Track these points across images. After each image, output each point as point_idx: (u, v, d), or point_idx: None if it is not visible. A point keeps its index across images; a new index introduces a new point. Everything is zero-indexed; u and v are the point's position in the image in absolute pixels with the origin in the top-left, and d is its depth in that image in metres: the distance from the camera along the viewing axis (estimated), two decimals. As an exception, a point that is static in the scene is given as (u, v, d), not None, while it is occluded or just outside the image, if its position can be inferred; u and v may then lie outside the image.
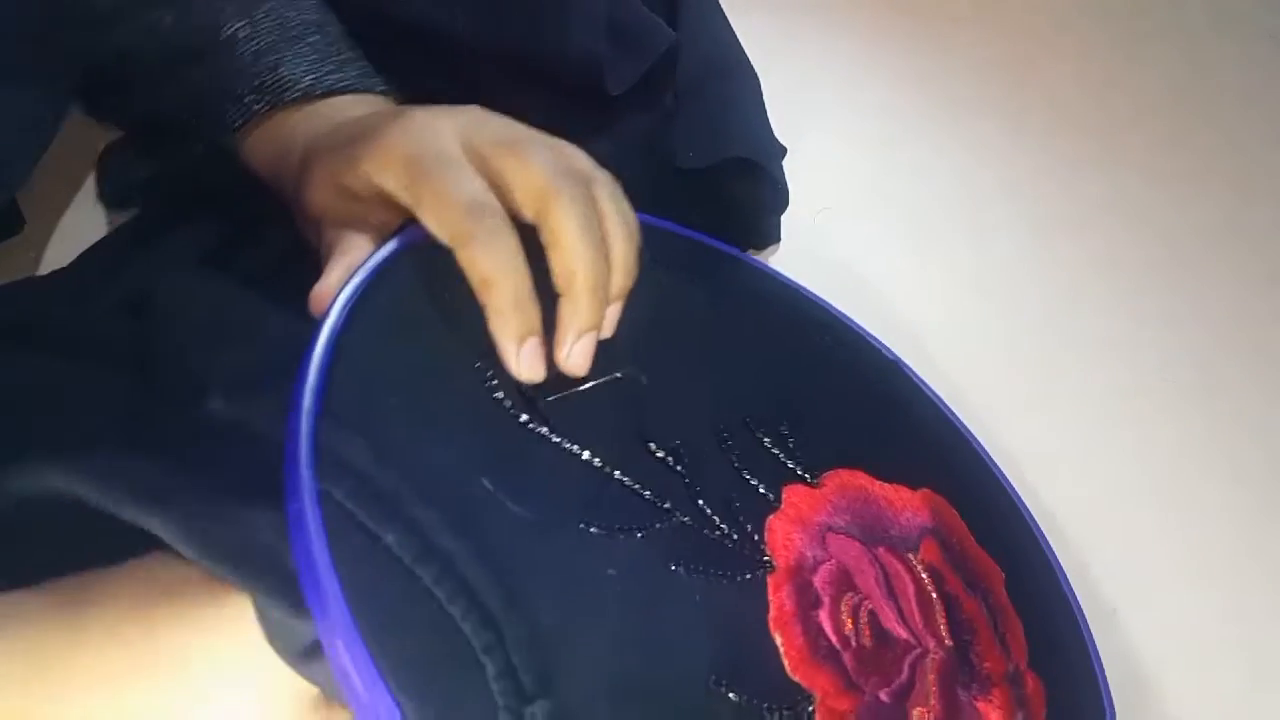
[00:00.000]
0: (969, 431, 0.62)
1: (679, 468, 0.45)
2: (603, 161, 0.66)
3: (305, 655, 0.33)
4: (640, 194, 0.68)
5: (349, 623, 0.31)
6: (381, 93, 0.57)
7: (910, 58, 1.03)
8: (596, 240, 0.43)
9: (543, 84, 0.66)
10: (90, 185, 0.59)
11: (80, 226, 0.66)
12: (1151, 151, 0.98)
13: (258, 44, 0.55)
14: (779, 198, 0.77)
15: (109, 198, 0.60)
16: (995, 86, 1.01)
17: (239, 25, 0.55)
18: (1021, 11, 1.10)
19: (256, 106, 0.54)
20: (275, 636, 0.33)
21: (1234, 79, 1.06)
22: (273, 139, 0.55)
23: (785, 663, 0.41)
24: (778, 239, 0.80)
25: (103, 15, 0.54)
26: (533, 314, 0.41)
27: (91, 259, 0.60)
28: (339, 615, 0.31)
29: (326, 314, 0.39)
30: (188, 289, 0.47)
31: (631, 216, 0.47)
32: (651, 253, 0.53)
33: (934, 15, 1.08)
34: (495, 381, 0.42)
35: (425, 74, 0.66)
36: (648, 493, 0.43)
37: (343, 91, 0.55)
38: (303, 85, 0.54)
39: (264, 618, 0.33)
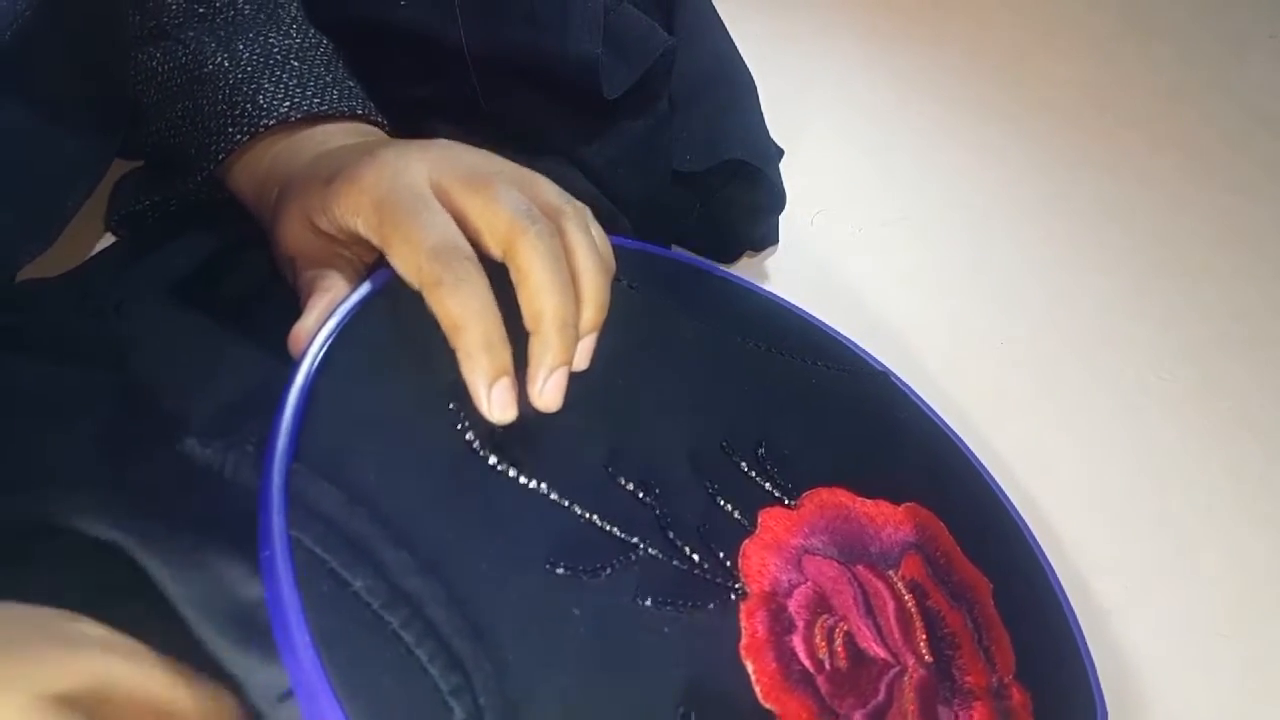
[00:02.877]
0: (960, 439, 0.62)
1: (649, 500, 0.45)
2: (598, 165, 0.67)
3: (278, 701, 0.34)
4: (636, 197, 0.69)
5: (319, 669, 0.31)
6: (364, 115, 0.57)
7: (907, 59, 1.02)
8: (564, 277, 0.43)
9: (540, 88, 0.67)
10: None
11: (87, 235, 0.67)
12: (1150, 151, 0.97)
13: (238, 74, 0.55)
14: (776, 200, 0.78)
15: (114, 225, 0.61)
16: (993, 87, 1.01)
17: (221, 58, 0.56)
18: (1019, 14, 1.10)
19: (237, 137, 0.54)
20: (248, 683, 0.34)
21: (1234, 79, 1.06)
22: (254, 169, 0.55)
23: (756, 690, 0.41)
24: (775, 241, 0.80)
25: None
26: (503, 355, 0.42)
27: (92, 267, 0.60)
28: (309, 661, 0.31)
29: (301, 359, 0.40)
30: (161, 324, 0.47)
31: (604, 247, 0.48)
32: (628, 277, 0.53)
33: (931, 17, 1.07)
34: (467, 423, 0.42)
35: (423, 79, 0.67)
36: (616, 529, 0.43)
37: (324, 117, 0.56)
38: (280, 112, 0.54)
39: (235, 665, 0.34)
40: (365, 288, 0.45)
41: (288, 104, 0.55)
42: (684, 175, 0.72)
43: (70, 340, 0.49)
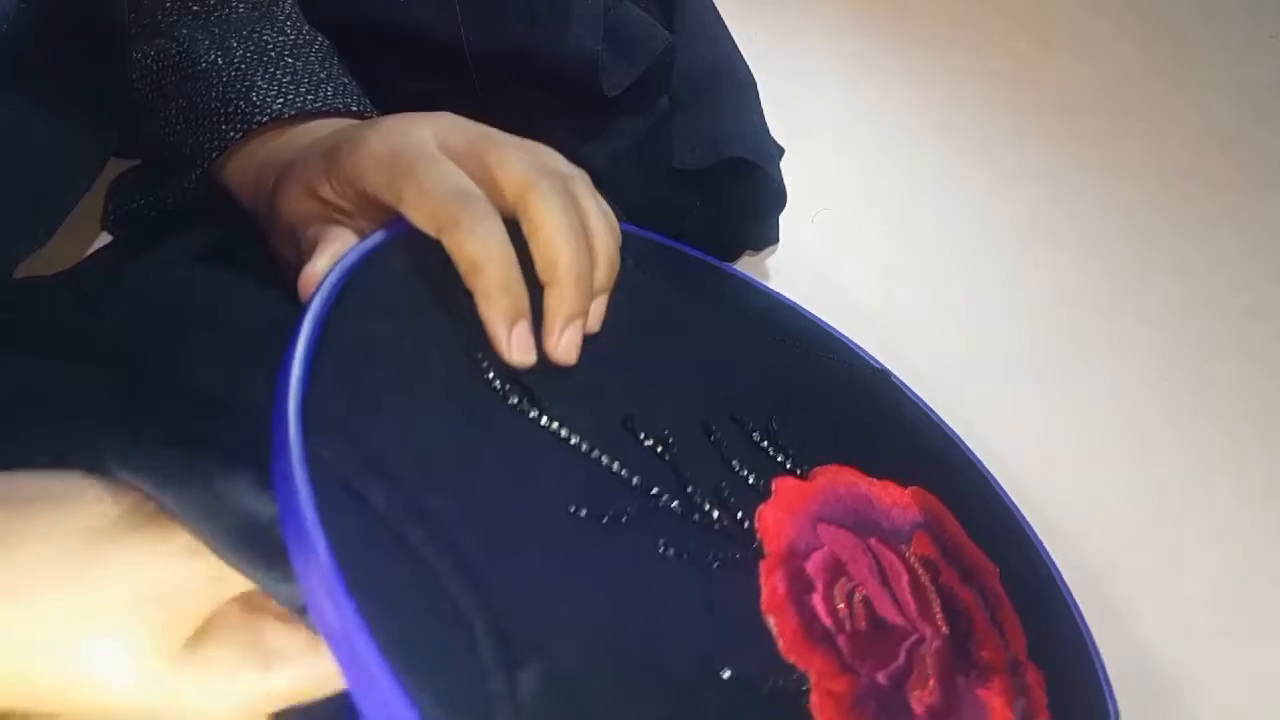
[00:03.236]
0: (959, 437, 0.62)
1: (667, 457, 0.45)
2: (598, 163, 0.68)
3: (302, 612, 0.33)
4: (636, 195, 0.69)
5: (336, 580, 0.30)
6: (358, 111, 0.57)
7: (908, 58, 1.03)
8: (577, 229, 0.43)
9: (539, 86, 0.67)
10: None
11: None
12: (1151, 151, 0.98)
13: (231, 71, 0.55)
14: (777, 198, 0.78)
15: (112, 224, 0.61)
16: (993, 87, 1.01)
17: (214, 55, 0.55)
18: (1019, 13, 1.11)
19: (230, 134, 0.54)
20: (274, 593, 0.34)
21: (1234, 78, 1.07)
22: (249, 165, 0.55)
23: (779, 644, 0.41)
24: (776, 239, 0.80)
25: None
26: (521, 297, 0.42)
27: (89, 265, 0.60)
28: (326, 572, 0.31)
29: (317, 290, 0.39)
30: (161, 276, 0.47)
31: (610, 213, 0.48)
32: (634, 258, 0.53)
33: (932, 16, 1.08)
34: (485, 364, 0.42)
35: (421, 76, 0.67)
36: (636, 479, 0.42)
37: (318, 113, 0.55)
38: (273, 109, 0.54)
39: (260, 580, 0.34)
40: (375, 237, 0.44)
41: (281, 101, 0.54)
42: (684, 173, 0.72)
43: (67, 338, 0.48)
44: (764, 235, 0.80)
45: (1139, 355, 0.81)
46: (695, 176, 0.73)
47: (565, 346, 0.43)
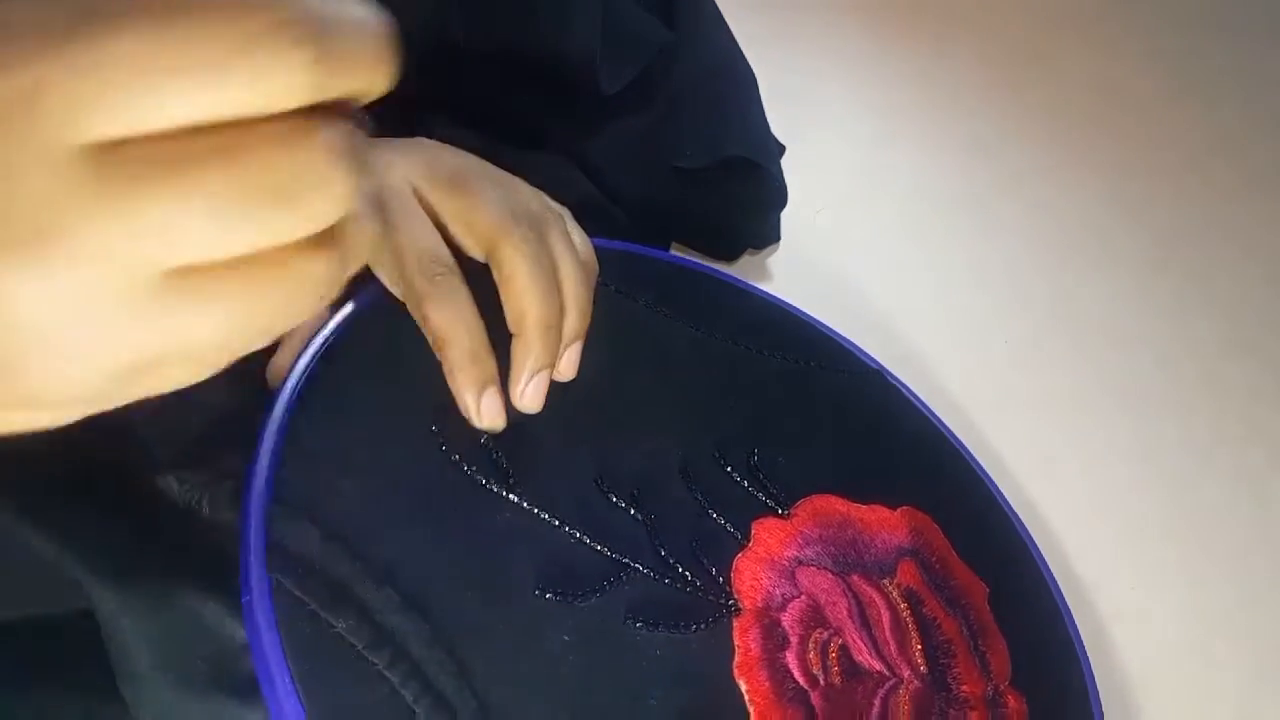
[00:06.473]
0: (956, 438, 0.62)
1: (640, 516, 0.45)
2: (598, 162, 0.67)
3: None
4: (636, 195, 0.68)
5: (301, 715, 0.31)
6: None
7: (910, 56, 1.02)
8: (548, 280, 0.43)
9: (539, 84, 0.66)
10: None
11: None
12: (1154, 150, 0.97)
13: None
14: (778, 196, 0.77)
15: None
16: (995, 85, 1.00)
17: None
18: (1020, 11, 1.09)
19: None
20: None
21: (1233, 77, 1.05)
22: None
23: (750, 709, 0.41)
24: (777, 238, 0.80)
25: None
26: (489, 365, 0.42)
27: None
28: (292, 708, 0.31)
29: (277, 396, 0.40)
30: None
31: (586, 251, 0.48)
32: (614, 281, 0.52)
33: (934, 15, 1.07)
34: (452, 444, 0.42)
35: (420, 76, 0.66)
36: (607, 549, 0.43)
37: None
38: None
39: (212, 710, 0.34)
40: (336, 319, 0.44)
41: None
42: (685, 172, 0.71)
43: None
44: (765, 234, 0.79)
45: (1141, 355, 0.80)
46: (696, 175, 0.72)
47: (530, 396, 0.43)
